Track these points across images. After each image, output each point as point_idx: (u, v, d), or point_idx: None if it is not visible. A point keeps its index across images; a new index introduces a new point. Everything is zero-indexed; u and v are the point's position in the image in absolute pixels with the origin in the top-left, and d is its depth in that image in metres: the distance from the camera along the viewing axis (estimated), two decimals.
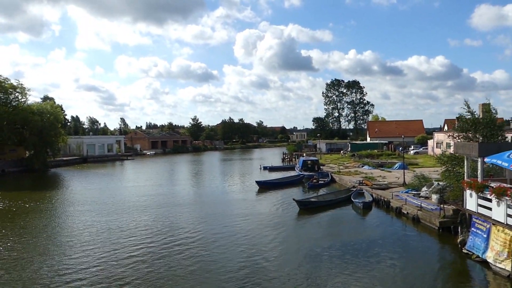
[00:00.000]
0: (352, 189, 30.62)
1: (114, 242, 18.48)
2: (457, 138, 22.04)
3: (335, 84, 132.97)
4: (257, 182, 37.23)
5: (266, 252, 16.80)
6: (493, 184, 14.93)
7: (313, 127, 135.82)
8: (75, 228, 21.61)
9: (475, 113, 22.05)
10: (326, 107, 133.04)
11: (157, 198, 31.33)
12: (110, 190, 36.41)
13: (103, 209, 26.82)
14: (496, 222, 14.22)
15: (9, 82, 55.66)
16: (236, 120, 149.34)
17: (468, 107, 21.98)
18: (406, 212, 22.56)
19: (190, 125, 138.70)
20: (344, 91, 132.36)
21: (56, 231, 21.41)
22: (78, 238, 19.48)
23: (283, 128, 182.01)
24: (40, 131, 54.96)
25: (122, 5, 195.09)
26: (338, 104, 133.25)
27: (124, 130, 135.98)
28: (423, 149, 68.84)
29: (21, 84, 57.00)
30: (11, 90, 55.19)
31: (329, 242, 18.41)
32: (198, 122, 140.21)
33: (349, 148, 71.90)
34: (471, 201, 16.03)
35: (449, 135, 24.70)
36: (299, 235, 19.92)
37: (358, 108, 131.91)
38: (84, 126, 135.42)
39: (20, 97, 56.61)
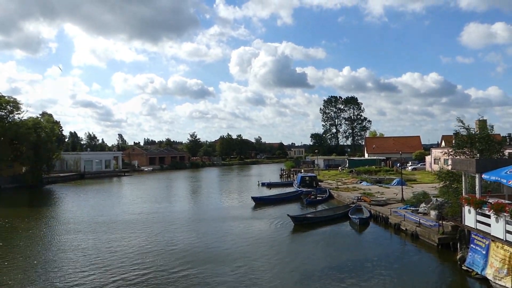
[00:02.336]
0: (350, 205, 30.41)
1: (104, 264, 18.00)
2: (453, 155, 21.91)
3: (332, 101, 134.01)
4: (253, 198, 36.98)
5: (258, 270, 16.50)
6: (491, 200, 14.83)
7: (311, 143, 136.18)
8: (62, 249, 20.61)
9: (471, 129, 22.02)
10: (324, 123, 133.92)
11: (153, 215, 30.95)
12: (105, 208, 35.98)
13: (95, 227, 26.26)
14: (495, 239, 14.07)
15: (4, 97, 55.79)
16: (234, 136, 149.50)
17: (463, 124, 22.00)
18: (404, 229, 22.37)
19: (188, 141, 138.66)
20: (342, 107, 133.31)
21: (40, 252, 20.26)
22: (64, 260, 18.56)
23: (281, 144, 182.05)
24: (35, 145, 54.68)
25: (117, 23, 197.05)
26: (336, 120, 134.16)
27: (122, 146, 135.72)
28: (421, 165, 68.81)
29: (14, 98, 57.28)
30: (5, 104, 55.15)
31: (324, 258, 18.18)
32: (196, 138, 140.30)
33: (347, 164, 71.78)
34: (469, 217, 15.91)
35: (444, 153, 24.62)
36: (293, 252, 19.60)
37: (355, 124, 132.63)
38: (82, 142, 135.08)
39: (15, 112, 56.59)
